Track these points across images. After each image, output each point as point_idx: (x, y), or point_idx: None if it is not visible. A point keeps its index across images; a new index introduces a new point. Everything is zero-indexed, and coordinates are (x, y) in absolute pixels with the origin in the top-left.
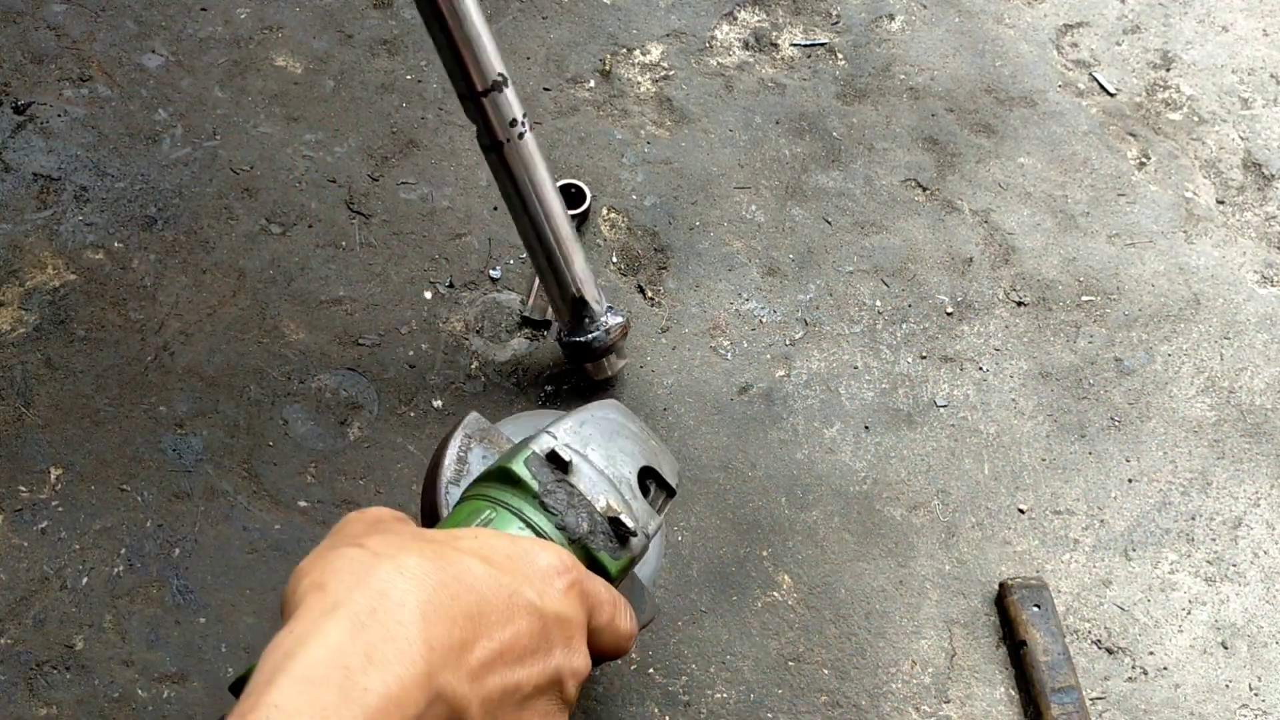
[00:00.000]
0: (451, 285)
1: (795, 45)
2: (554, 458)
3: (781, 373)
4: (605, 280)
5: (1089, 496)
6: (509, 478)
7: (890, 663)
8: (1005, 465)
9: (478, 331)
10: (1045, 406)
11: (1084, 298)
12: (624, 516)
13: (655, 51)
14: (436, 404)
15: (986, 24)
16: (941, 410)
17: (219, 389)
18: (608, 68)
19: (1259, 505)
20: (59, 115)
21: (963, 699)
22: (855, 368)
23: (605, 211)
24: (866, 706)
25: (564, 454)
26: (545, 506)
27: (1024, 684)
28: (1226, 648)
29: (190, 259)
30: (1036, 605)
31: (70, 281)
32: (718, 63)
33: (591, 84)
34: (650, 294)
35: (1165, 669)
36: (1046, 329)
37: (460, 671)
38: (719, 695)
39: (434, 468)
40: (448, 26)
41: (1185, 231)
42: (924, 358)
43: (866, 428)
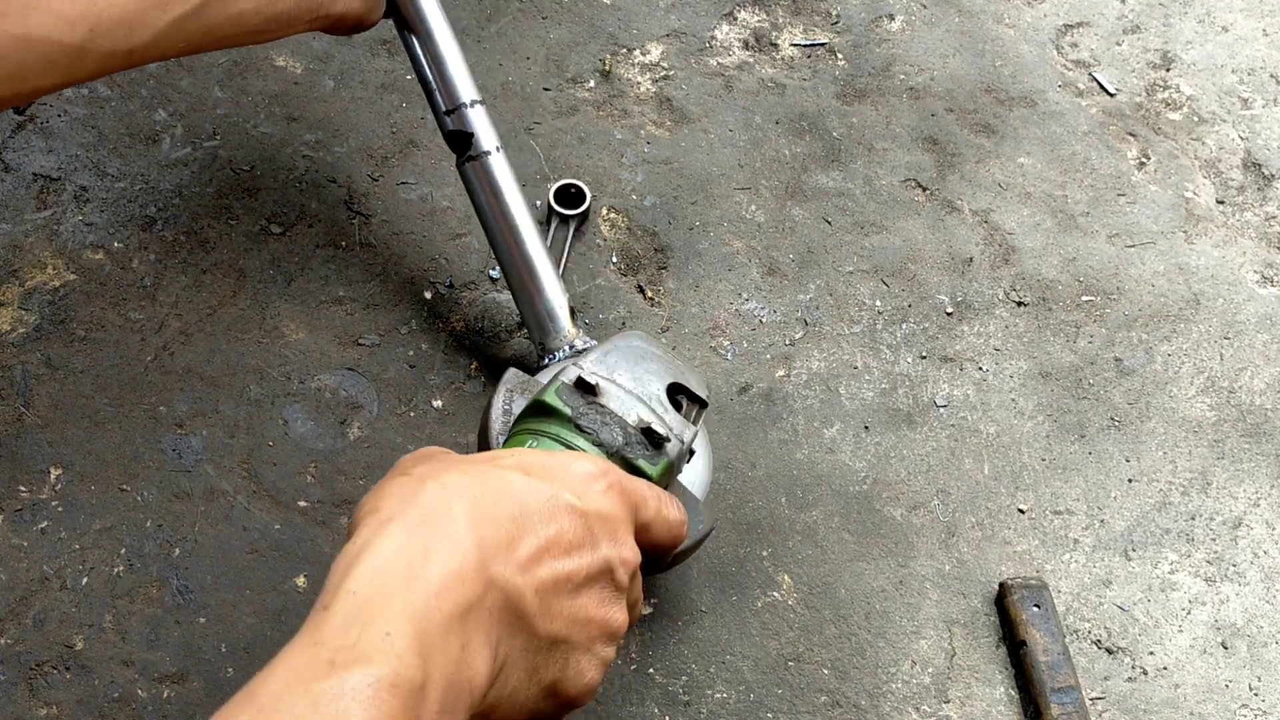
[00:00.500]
0: (451, 285)
1: (795, 45)
2: (582, 384)
3: (781, 373)
4: (605, 280)
5: (1089, 496)
6: (543, 409)
7: (890, 663)
8: (1005, 465)
9: (478, 331)
10: (1045, 406)
11: (1084, 298)
12: (655, 425)
13: (655, 51)
14: (436, 404)
15: (986, 24)
16: (941, 410)
17: (219, 389)
18: (608, 68)
19: (1259, 505)
20: (59, 115)
21: (963, 699)
22: (855, 368)
23: (605, 211)
24: (866, 706)
25: (591, 379)
26: (580, 428)
27: (1024, 684)
28: (1226, 648)
29: (190, 259)
30: (1036, 605)
31: (70, 281)
32: (718, 63)
33: (591, 84)
34: (650, 294)
35: (1165, 669)
36: (1046, 329)
37: (510, 565)
38: (719, 695)
39: (484, 426)
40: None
41: (1185, 231)
42: (924, 358)
43: (866, 428)
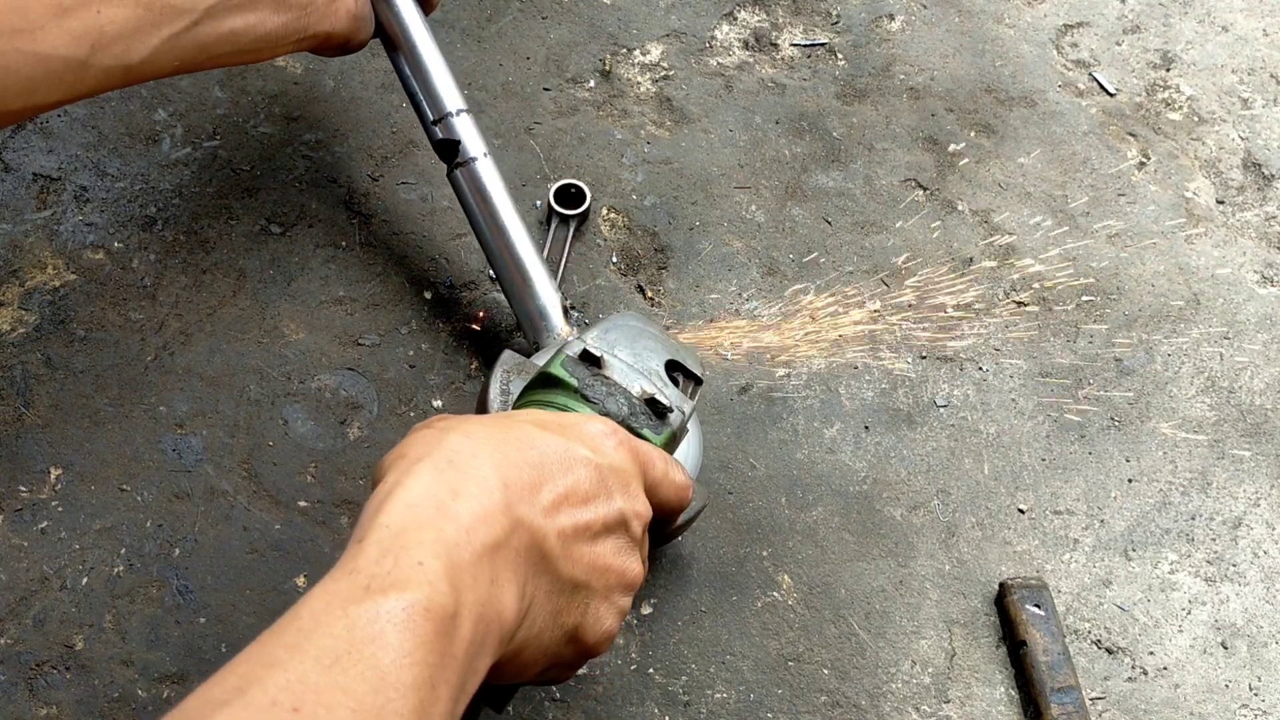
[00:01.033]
0: (451, 285)
1: (795, 45)
2: (586, 356)
3: (781, 373)
4: (605, 280)
5: (1089, 496)
6: (550, 380)
7: (890, 663)
8: (1005, 465)
9: (478, 332)
10: (1045, 406)
11: (1084, 298)
12: (658, 395)
13: (655, 51)
14: (436, 404)
15: (986, 24)
16: (941, 410)
17: (219, 389)
18: (608, 68)
19: (1259, 505)
20: (59, 115)
21: (963, 699)
22: (855, 368)
23: (605, 211)
24: (866, 706)
25: (595, 351)
26: (586, 398)
27: (1024, 684)
28: (1226, 648)
29: (190, 259)
30: (1036, 605)
31: (70, 281)
32: (718, 63)
33: (591, 84)
34: (650, 294)
35: (1165, 669)
36: (1046, 329)
37: (534, 508)
38: (719, 695)
39: (481, 406)
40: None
41: (1185, 231)
42: (924, 358)
43: (866, 428)
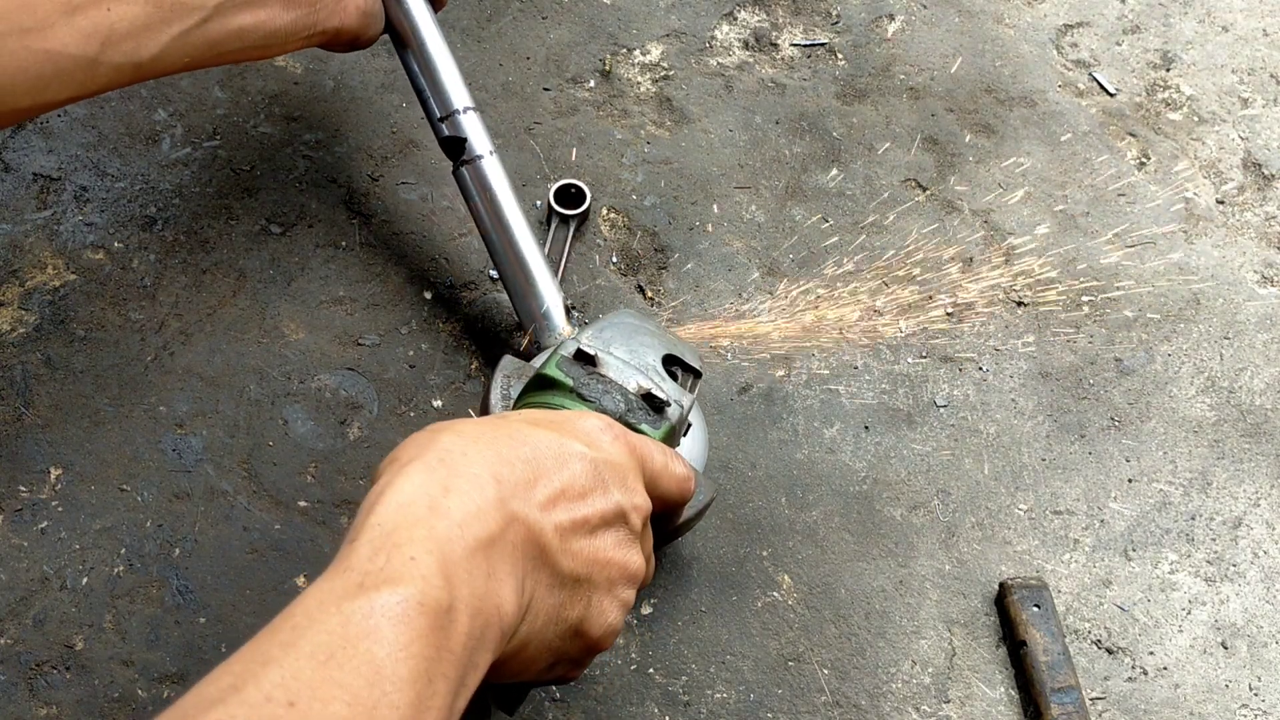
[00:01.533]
0: (451, 285)
1: (795, 45)
2: (581, 355)
3: (781, 373)
4: (605, 280)
5: (1089, 496)
6: (545, 382)
7: (890, 663)
8: (1005, 465)
9: (478, 331)
10: (1045, 406)
11: (1084, 298)
12: (654, 390)
13: (655, 51)
14: (436, 404)
15: (986, 24)
16: (941, 410)
17: (219, 389)
18: (608, 68)
19: (1259, 505)
20: (59, 115)
21: (963, 699)
22: (855, 368)
23: (605, 211)
24: (866, 706)
25: (590, 350)
26: (582, 397)
27: (1024, 684)
28: (1226, 648)
29: (190, 259)
30: (1036, 605)
31: (70, 281)
32: (718, 63)
33: (591, 84)
34: (650, 294)
35: (1165, 669)
36: (1046, 329)
37: (529, 503)
38: (719, 695)
39: (484, 411)
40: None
41: (1185, 231)
42: (924, 358)
43: (866, 428)
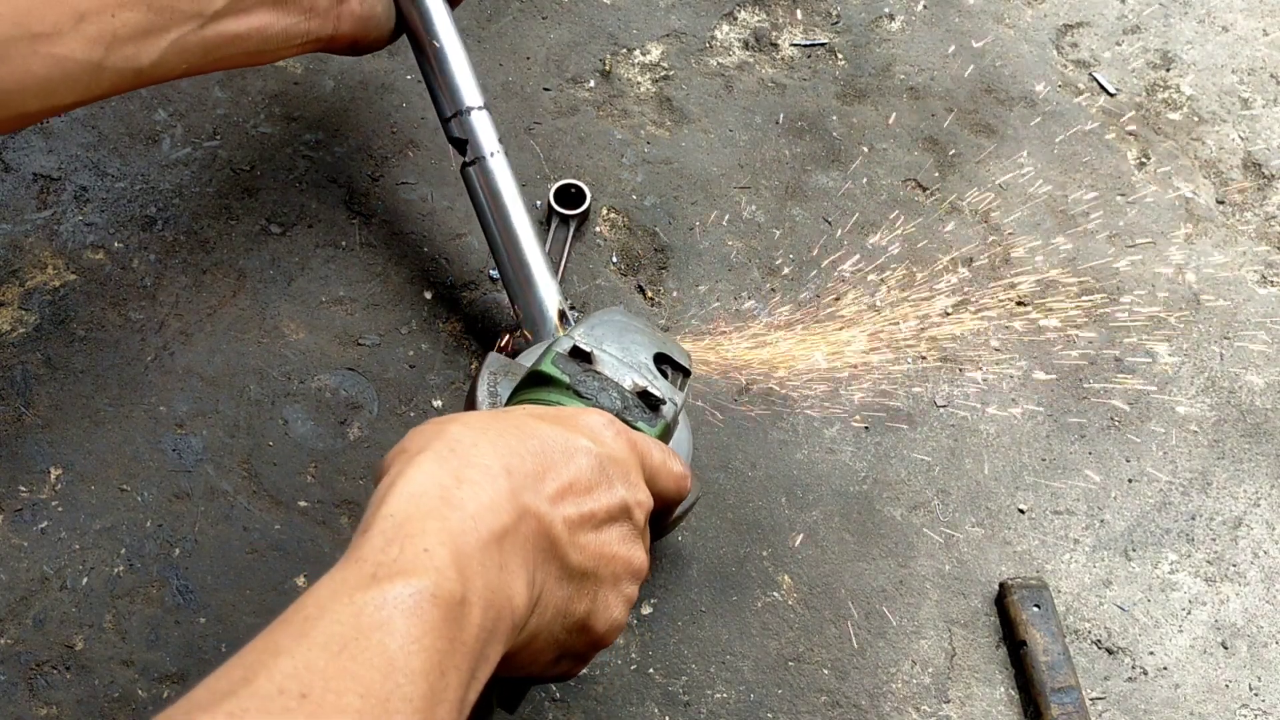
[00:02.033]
0: (451, 285)
1: (795, 45)
2: (576, 352)
3: (781, 372)
4: (605, 280)
5: (1089, 496)
6: (541, 378)
7: (890, 663)
8: (1005, 465)
9: (478, 331)
10: (1045, 406)
11: (1084, 298)
12: (650, 388)
13: (655, 51)
14: (436, 404)
15: (986, 24)
16: (941, 410)
17: (219, 389)
18: (608, 68)
19: (1259, 505)
20: (59, 115)
21: (963, 699)
22: (856, 368)
23: (605, 211)
24: (866, 706)
25: (585, 347)
26: (579, 394)
27: (1024, 684)
28: (1226, 648)
29: (190, 259)
30: (1036, 605)
31: (70, 281)
32: (718, 63)
33: (591, 84)
34: (650, 294)
35: (1165, 669)
36: (1047, 329)
37: (539, 495)
38: (719, 695)
39: (470, 408)
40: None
41: (1185, 231)
42: (924, 358)
43: (867, 428)
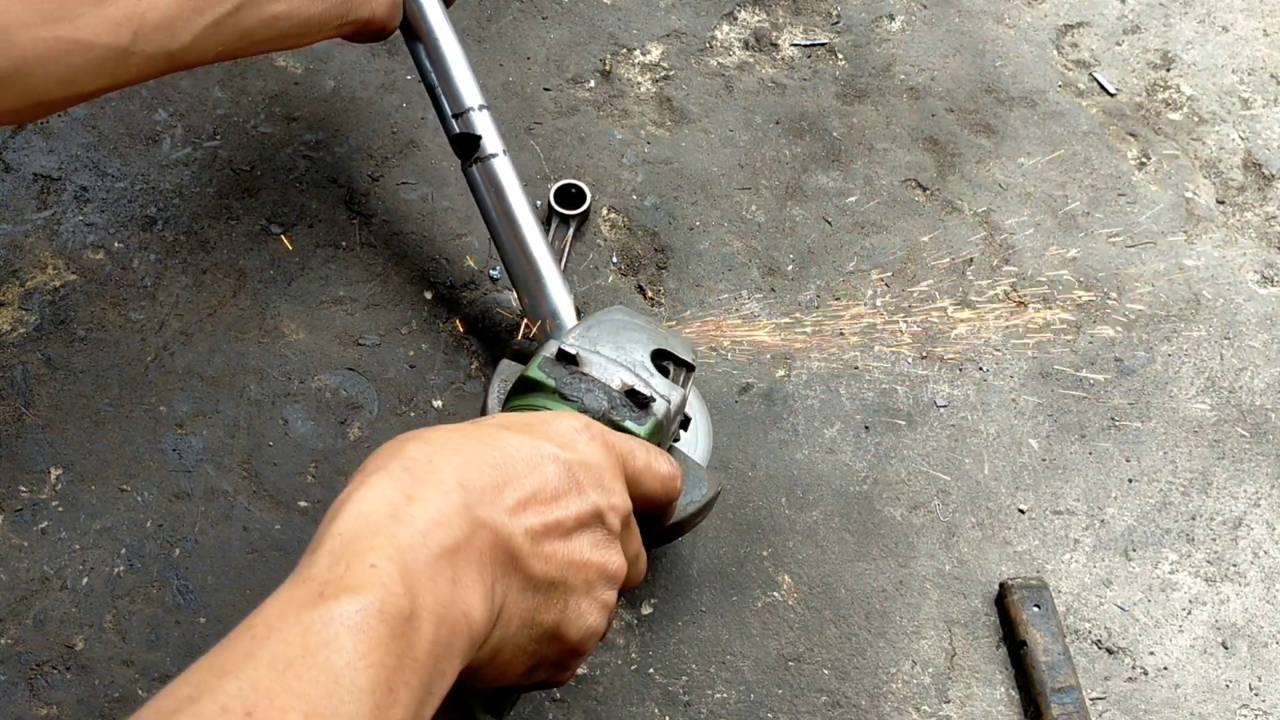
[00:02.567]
0: (452, 285)
1: (795, 45)
2: (563, 355)
3: (781, 373)
4: (605, 280)
5: (1089, 496)
6: (529, 384)
7: (890, 663)
8: (1005, 465)
9: (478, 331)
10: (1045, 406)
11: (1084, 298)
12: (638, 386)
13: (655, 51)
14: (436, 404)
15: (986, 24)
16: (941, 410)
17: (219, 389)
18: (608, 68)
19: (1259, 505)
20: (59, 115)
21: (963, 699)
22: (855, 368)
23: (605, 211)
24: (866, 706)
25: (571, 349)
26: (564, 396)
27: (1024, 684)
28: (1226, 648)
29: (190, 259)
30: (1036, 605)
31: (70, 281)
32: (718, 63)
33: (591, 84)
34: (650, 294)
35: (1165, 669)
36: (1046, 329)
37: (497, 508)
38: (719, 695)
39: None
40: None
41: (1185, 231)
42: (924, 358)
43: (866, 428)
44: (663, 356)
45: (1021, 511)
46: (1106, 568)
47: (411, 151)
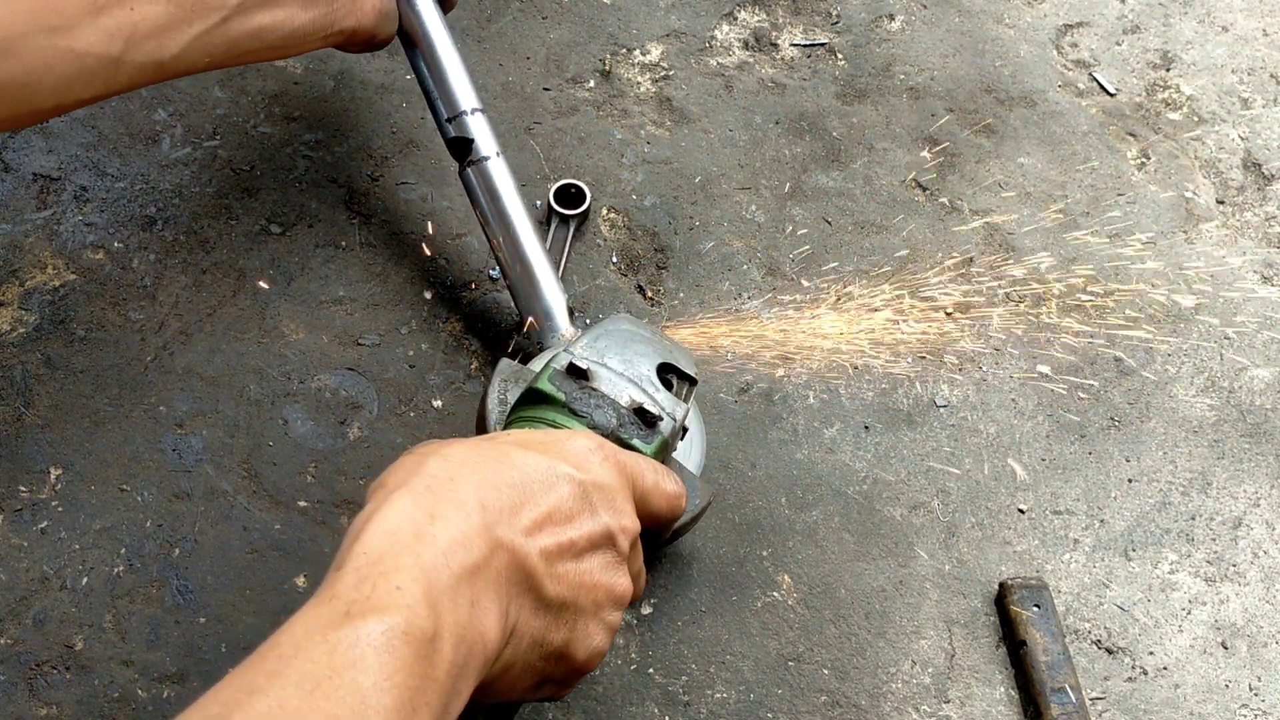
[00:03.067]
0: (451, 285)
1: (795, 45)
2: (573, 369)
3: (781, 373)
4: (605, 280)
5: (1089, 496)
6: (538, 396)
7: (890, 663)
8: (1005, 465)
9: (478, 331)
10: (1045, 406)
11: (1084, 298)
12: (647, 404)
13: (655, 51)
14: (436, 404)
15: (986, 24)
16: (941, 410)
17: (219, 389)
18: (608, 68)
19: (1259, 505)
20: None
21: (963, 699)
22: (855, 368)
23: (605, 211)
24: (866, 706)
25: (582, 364)
26: (574, 412)
27: (1024, 684)
28: (1226, 648)
29: (190, 259)
30: (1036, 605)
31: (70, 281)
32: (718, 63)
33: (591, 84)
34: (650, 294)
35: (1165, 669)
36: (1046, 329)
37: (514, 529)
38: (719, 695)
39: (480, 416)
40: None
41: (1185, 231)
42: (924, 358)
43: (866, 428)
44: (667, 370)
45: (1021, 511)
46: (1106, 568)
47: (411, 151)
